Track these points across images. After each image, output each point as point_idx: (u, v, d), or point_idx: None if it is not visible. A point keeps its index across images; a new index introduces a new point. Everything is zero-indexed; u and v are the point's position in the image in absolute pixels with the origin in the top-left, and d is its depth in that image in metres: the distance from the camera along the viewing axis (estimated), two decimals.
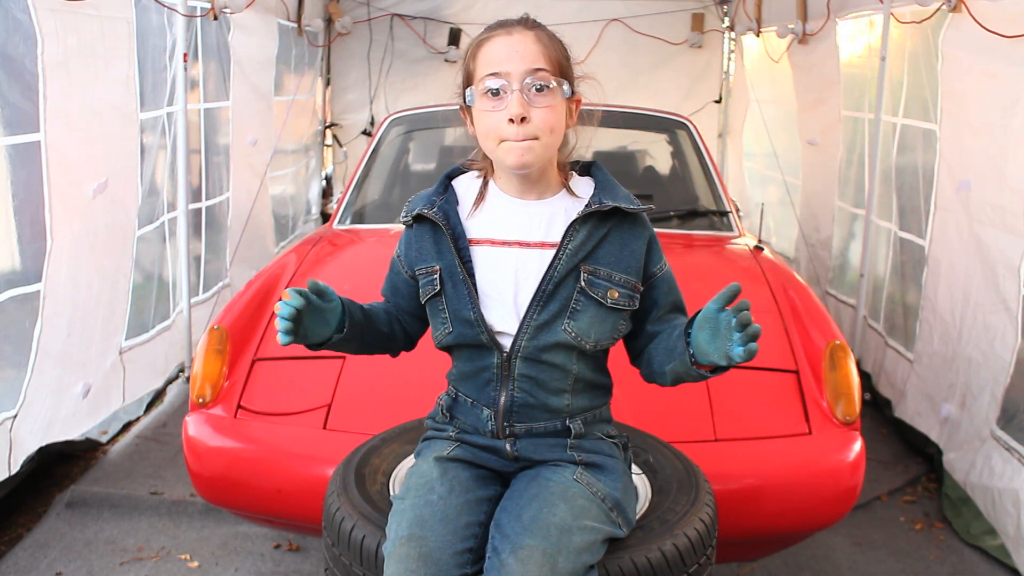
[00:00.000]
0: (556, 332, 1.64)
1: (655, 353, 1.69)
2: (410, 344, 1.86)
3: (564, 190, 1.71)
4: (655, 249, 1.71)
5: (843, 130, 4.89)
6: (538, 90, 1.59)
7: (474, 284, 1.66)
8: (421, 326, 1.83)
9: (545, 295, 1.64)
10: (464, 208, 1.72)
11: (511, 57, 1.59)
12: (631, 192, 1.73)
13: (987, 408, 3.21)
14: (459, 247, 1.67)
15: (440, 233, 1.69)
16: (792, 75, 5.56)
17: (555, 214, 1.68)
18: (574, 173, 1.74)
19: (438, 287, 1.68)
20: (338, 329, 1.66)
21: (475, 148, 1.73)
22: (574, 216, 1.65)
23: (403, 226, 1.78)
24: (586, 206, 1.66)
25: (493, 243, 1.69)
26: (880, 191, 4.40)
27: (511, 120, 1.58)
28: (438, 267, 1.69)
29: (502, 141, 1.60)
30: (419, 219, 1.73)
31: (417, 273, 1.73)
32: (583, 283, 1.64)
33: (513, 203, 1.70)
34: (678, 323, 1.67)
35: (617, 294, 1.65)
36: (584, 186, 1.72)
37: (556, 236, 1.66)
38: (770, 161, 5.86)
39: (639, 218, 1.70)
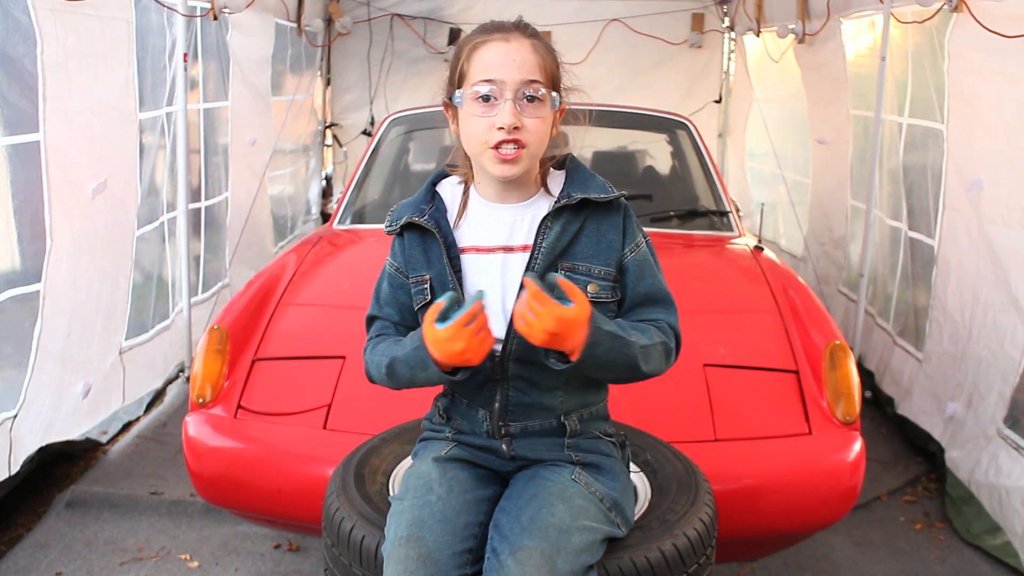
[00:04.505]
0: None
1: None
2: None
3: (543, 189, 1.69)
4: (629, 232, 1.67)
5: (853, 129, 4.89)
6: (529, 100, 1.58)
7: (463, 292, 1.65)
8: None
9: None
10: (450, 216, 1.71)
11: (507, 65, 1.58)
12: (629, 192, 1.72)
13: (994, 407, 3.21)
14: (451, 255, 1.66)
15: (430, 242, 1.68)
16: (801, 75, 5.57)
17: (536, 215, 1.67)
18: (551, 169, 1.72)
19: (429, 296, 1.67)
20: None
21: (460, 149, 1.71)
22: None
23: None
24: (555, 202, 1.64)
25: (479, 250, 1.68)
26: (889, 191, 4.40)
27: (501, 128, 1.57)
28: (428, 276, 1.68)
29: (487, 148, 1.59)
30: (407, 227, 1.71)
31: (409, 281, 1.72)
32: None
33: (494, 209, 1.69)
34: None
35: (597, 287, 1.64)
36: (558, 181, 1.70)
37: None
38: (776, 161, 5.86)
39: (614, 205, 1.67)
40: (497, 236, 1.67)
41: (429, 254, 1.68)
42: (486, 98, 1.58)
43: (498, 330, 1.65)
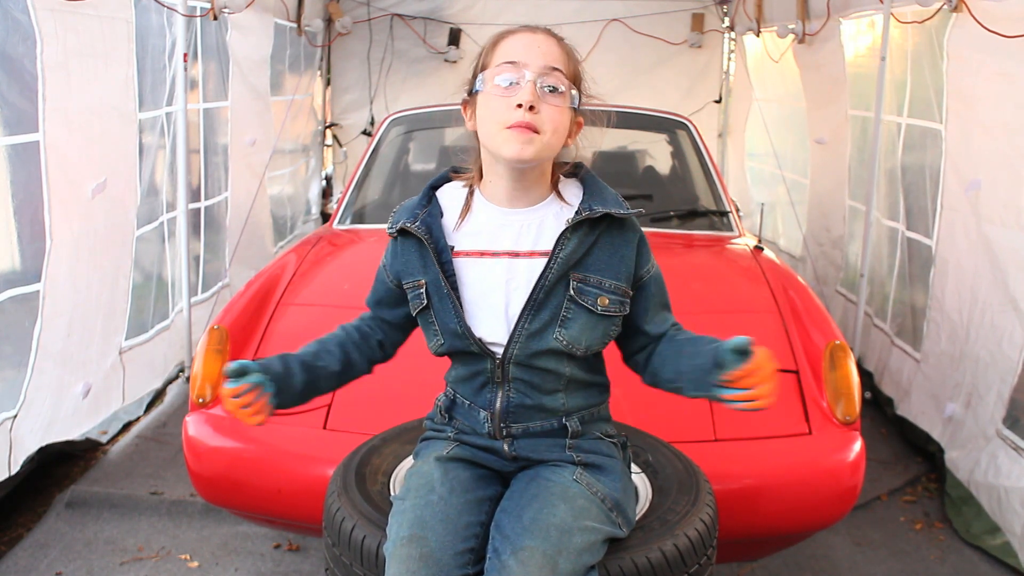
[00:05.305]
0: (547, 340, 1.63)
1: (666, 360, 1.68)
2: (386, 357, 1.86)
3: (552, 195, 1.69)
4: (644, 251, 1.70)
5: (851, 129, 4.90)
6: (550, 90, 1.59)
7: (459, 297, 1.65)
8: (402, 335, 1.85)
9: (536, 304, 1.63)
10: (450, 219, 1.70)
11: (531, 51, 1.59)
12: (629, 192, 1.73)
13: (993, 407, 3.21)
14: (442, 261, 1.66)
15: (424, 247, 1.68)
16: (800, 75, 5.57)
17: (544, 222, 1.66)
18: (561, 176, 1.72)
19: (425, 301, 1.68)
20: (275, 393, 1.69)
21: (471, 150, 1.72)
22: (563, 223, 1.63)
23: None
24: (576, 213, 1.63)
25: (483, 254, 1.67)
26: (887, 191, 4.40)
27: (519, 105, 1.56)
28: (424, 281, 1.68)
29: (505, 128, 1.57)
30: (404, 232, 1.72)
31: (405, 286, 1.72)
32: (572, 291, 1.63)
33: (501, 213, 1.68)
34: (689, 336, 1.69)
35: (607, 301, 1.64)
36: (572, 190, 1.70)
37: (546, 244, 1.64)
38: (776, 161, 5.87)
39: (628, 221, 1.68)
40: (504, 241, 1.67)
41: (424, 259, 1.68)
42: (508, 82, 1.58)
43: (500, 334, 1.65)
